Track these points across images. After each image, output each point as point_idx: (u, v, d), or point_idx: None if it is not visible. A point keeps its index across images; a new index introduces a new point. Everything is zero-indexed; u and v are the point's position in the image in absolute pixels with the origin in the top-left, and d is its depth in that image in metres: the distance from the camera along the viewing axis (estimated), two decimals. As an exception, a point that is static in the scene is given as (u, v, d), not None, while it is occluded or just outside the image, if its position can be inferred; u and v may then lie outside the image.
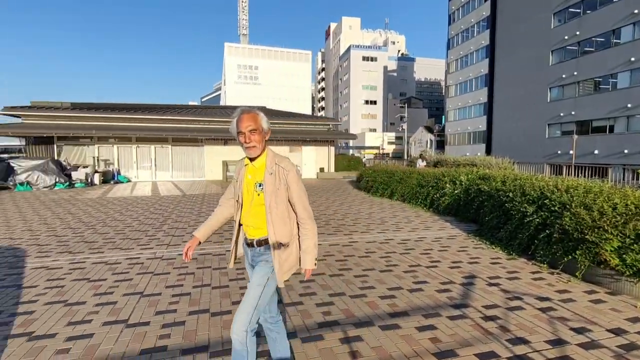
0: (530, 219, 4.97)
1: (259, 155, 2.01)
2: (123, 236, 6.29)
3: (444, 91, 65.30)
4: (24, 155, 17.92)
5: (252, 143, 1.96)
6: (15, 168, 14.78)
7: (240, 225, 2.13)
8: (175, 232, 6.60)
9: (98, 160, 18.64)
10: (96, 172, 17.36)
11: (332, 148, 23.39)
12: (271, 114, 25.96)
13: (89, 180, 16.49)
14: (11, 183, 14.52)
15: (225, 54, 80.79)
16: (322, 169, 22.95)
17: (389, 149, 64.49)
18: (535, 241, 4.80)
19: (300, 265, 2.08)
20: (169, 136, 19.64)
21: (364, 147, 58.62)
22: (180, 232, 6.65)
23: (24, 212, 9.03)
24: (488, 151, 38.26)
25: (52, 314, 3.19)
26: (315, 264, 2.08)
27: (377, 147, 60.92)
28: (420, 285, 3.92)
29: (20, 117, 18.29)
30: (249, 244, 2.08)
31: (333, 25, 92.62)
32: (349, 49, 76.50)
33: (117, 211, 9.09)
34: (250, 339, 1.90)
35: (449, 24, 49.85)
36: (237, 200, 2.11)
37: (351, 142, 59.64)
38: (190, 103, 73.61)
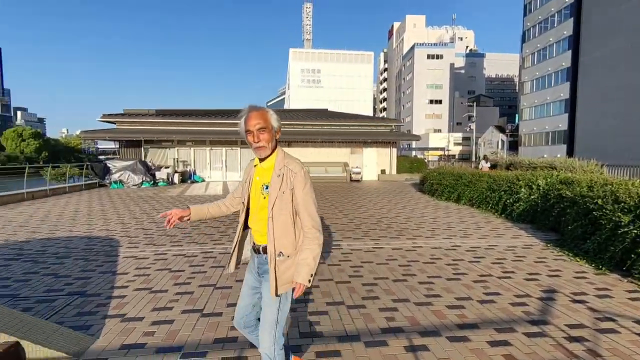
0: (626, 229, 4.38)
1: (268, 156, 1.88)
2: (199, 231, 6.83)
3: (517, 88, 60.34)
4: (118, 156, 20.32)
5: (261, 142, 1.82)
6: (110, 168, 16.87)
7: (245, 228, 2.00)
8: (243, 230, 6.99)
9: (177, 161, 20.47)
10: (176, 172, 19.09)
11: (394, 149, 22.90)
12: (332, 115, 26.23)
13: (170, 180, 18.18)
14: (107, 181, 16.59)
15: (290, 59, 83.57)
16: (383, 171, 22.59)
17: (455, 150, 61.31)
18: (632, 256, 4.22)
19: (300, 279, 1.80)
20: (238, 139, 20.87)
21: (427, 149, 56.45)
22: (248, 230, 7.02)
23: (117, 207, 10.25)
24: (570, 152, 34.51)
25: (140, 300, 3.57)
26: (310, 281, 1.79)
27: (442, 149, 58.25)
28: (491, 296, 3.67)
29: (115, 123, 20.84)
30: (256, 250, 1.94)
31: (396, 25, 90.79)
32: (412, 48, 74.36)
33: (192, 208, 9.88)
34: (278, 353, 1.86)
35: (524, 15, 46.00)
36: (242, 202, 1.99)
37: (414, 144, 57.84)
38: (257, 107, 77.24)
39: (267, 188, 1.84)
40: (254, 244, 1.96)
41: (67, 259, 4.94)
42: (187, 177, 19.86)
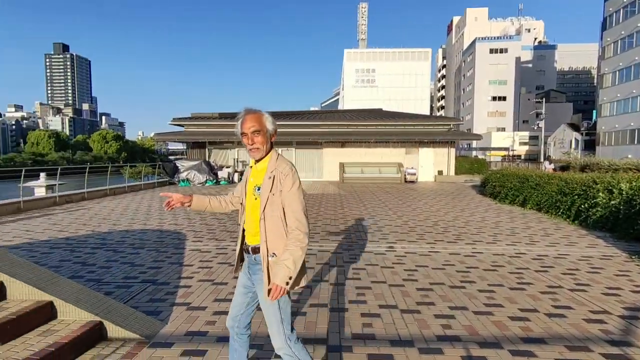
0: None
1: (263, 158, 1.91)
2: (255, 229, 7.13)
3: (595, 81, 54.35)
4: (185, 157, 21.92)
5: (255, 145, 1.85)
6: (179, 167, 18.29)
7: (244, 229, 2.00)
8: (297, 229, 7.15)
9: (237, 161, 21.57)
10: (235, 171, 20.12)
11: (452, 150, 21.90)
12: (386, 115, 25.79)
13: (230, 179, 19.21)
14: (176, 179, 18.01)
15: (344, 60, 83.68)
16: (440, 172, 21.71)
17: (521, 150, 56.89)
18: None
19: (277, 280, 1.74)
20: (293, 140, 21.43)
21: (489, 149, 53.07)
22: (302, 229, 7.17)
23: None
24: (662, 153, 30.24)
25: (203, 290, 3.83)
26: (288, 284, 1.74)
27: (506, 149, 54.36)
28: (561, 310, 3.37)
29: (183, 126, 22.54)
30: (246, 250, 1.97)
31: (456, 19, 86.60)
32: (473, 42, 70.39)
33: (250, 207, 10.34)
34: (295, 347, 1.88)
35: (606, -1, 41.26)
36: (241, 203, 2.05)
37: (475, 143, 54.74)
38: (312, 108, 78.65)
39: (258, 189, 1.87)
40: (245, 243, 1.97)
41: (141, 250, 5.46)
42: (245, 177, 20.83)
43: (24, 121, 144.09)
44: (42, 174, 13.58)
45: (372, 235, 6.61)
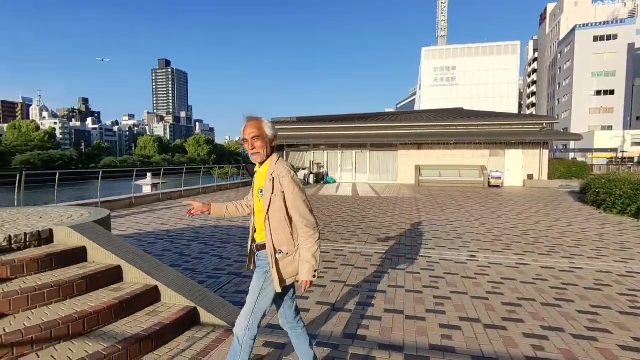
0: None
1: (264, 161, 2.04)
2: (330, 230, 7.28)
3: None
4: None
5: (256, 150, 2.00)
6: (257, 169, 19.51)
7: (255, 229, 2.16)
8: (372, 232, 7.12)
9: (312, 163, 22.24)
10: (311, 173, 20.77)
11: (545, 151, 19.68)
12: (467, 115, 24.21)
13: (306, 180, 19.89)
14: (255, 180, 19.23)
15: (422, 59, 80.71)
16: (530, 176, 19.67)
17: (634, 152, 48.68)
18: None
19: (304, 277, 1.98)
20: (367, 142, 21.37)
21: (591, 150, 46.44)
22: (376, 231, 7.12)
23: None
24: None
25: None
26: (315, 276, 1.98)
27: (614, 150, 47.00)
28: (691, 344, 2.83)
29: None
30: (255, 247, 2.14)
31: (551, 6, 77.67)
32: (572, 30, 62.33)
33: (326, 207, 10.58)
34: (246, 341, 2.01)
35: None
36: (249, 205, 2.23)
37: (573, 144, 48.43)
38: (387, 110, 77.39)
39: (261, 192, 2.02)
40: (254, 240, 2.14)
41: (228, 244, 5.96)
42: (320, 179, 21.36)
43: (135, 128, 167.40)
44: (149, 174, 15.78)
45: (452, 242, 6.28)
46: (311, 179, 20.37)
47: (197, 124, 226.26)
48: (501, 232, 7.12)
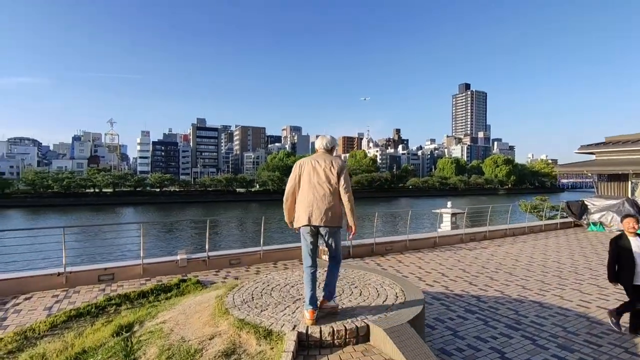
0: None
1: None
2: None
3: None
4: (594, 193, 17.77)
5: None
6: (588, 206, 14.87)
7: None
8: None
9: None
10: (684, 217, 13.63)
11: None
12: None
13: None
14: (585, 222, 14.72)
15: None
16: None
17: None
18: None
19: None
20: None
21: None
22: None
23: (586, 251, 8.48)
24: None
25: None
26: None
27: None
28: None
29: (593, 154, 18.42)
30: None
31: None
32: None
33: None
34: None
35: None
36: None
37: None
38: None
39: None
40: None
41: (574, 344, 4.10)
42: None
43: (435, 151, 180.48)
44: (449, 202, 15.21)
45: None
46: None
47: (495, 143, 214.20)
48: None
